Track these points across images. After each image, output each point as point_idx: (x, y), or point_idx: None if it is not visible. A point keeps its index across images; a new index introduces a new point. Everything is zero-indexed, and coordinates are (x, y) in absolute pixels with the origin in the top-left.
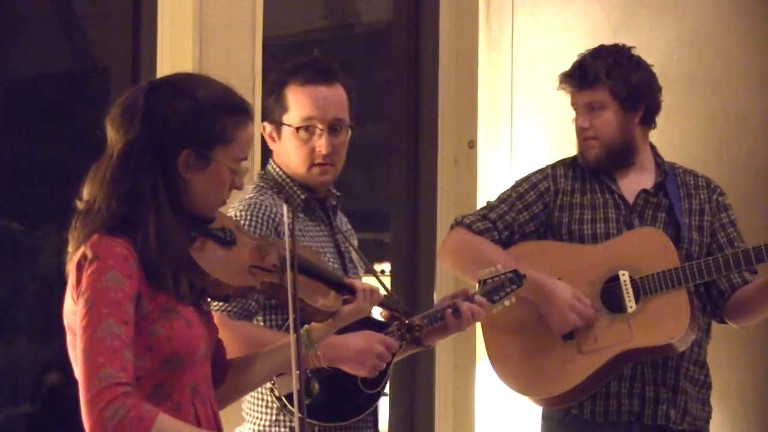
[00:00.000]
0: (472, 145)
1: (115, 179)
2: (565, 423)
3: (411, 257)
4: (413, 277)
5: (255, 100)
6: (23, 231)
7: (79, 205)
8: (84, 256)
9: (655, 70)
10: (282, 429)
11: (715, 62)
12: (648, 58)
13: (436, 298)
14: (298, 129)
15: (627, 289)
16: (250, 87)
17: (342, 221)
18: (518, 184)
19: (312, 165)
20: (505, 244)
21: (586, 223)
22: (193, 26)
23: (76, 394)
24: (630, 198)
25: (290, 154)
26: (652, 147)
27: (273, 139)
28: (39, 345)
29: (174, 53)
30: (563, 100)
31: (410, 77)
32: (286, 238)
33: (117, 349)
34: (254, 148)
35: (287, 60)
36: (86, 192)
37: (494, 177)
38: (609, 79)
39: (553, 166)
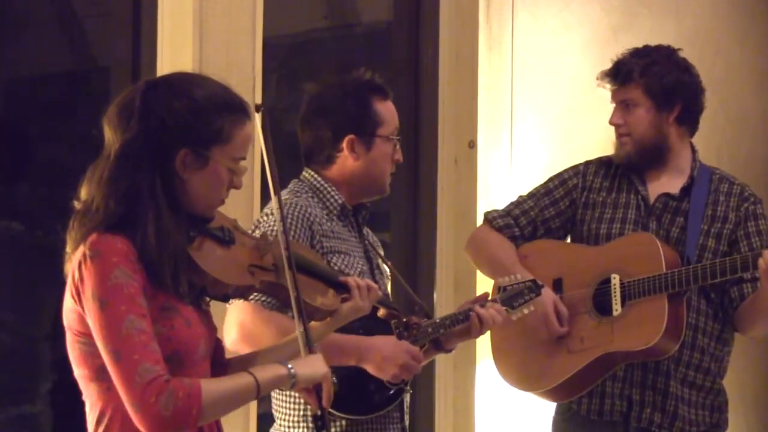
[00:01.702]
0: (472, 145)
1: (112, 179)
2: (567, 418)
3: (411, 257)
4: (413, 277)
5: (255, 100)
6: (23, 231)
7: (77, 205)
8: (84, 255)
9: None
10: (310, 424)
11: (715, 62)
12: None
13: (436, 298)
14: (392, 140)
15: (615, 292)
16: (250, 87)
17: (368, 232)
18: (550, 179)
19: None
20: (528, 239)
21: (604, 222)
22: (193, 26)
23: (75, 394)
24: (652, 201)
25: (380, 165)
26: (694, 150)
27: (355, 151)
28: (38, 345)
29: (174, 53)
30: (563, 100)
31: (410, 77)
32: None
33: (146, 343)
34: (253, 148)
35: (331, 71)
36: (84, 192)
37: (494, 177)
38: (642, 76)
39: (587, 163)
